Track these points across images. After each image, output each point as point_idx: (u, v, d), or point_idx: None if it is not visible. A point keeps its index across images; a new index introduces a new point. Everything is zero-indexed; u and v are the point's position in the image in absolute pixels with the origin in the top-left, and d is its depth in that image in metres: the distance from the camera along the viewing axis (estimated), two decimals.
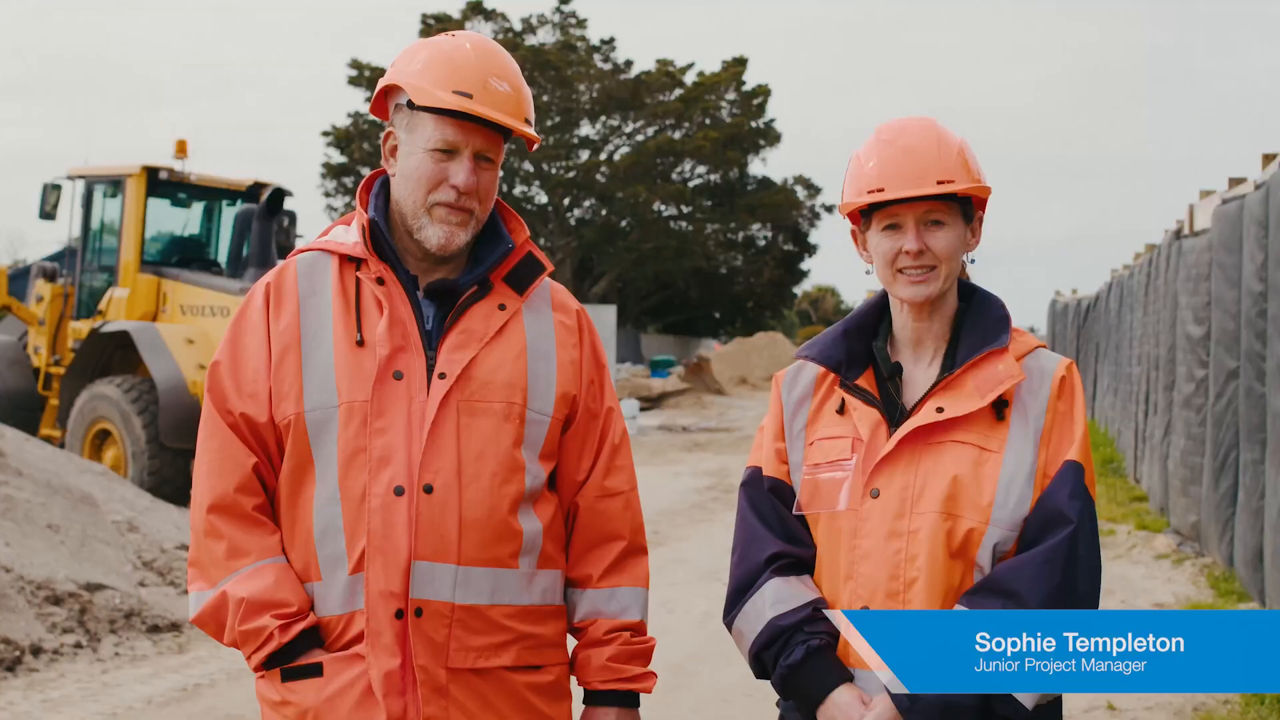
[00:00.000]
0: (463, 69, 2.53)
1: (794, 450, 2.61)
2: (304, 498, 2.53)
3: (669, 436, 24.53)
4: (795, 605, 2.51)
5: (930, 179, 2.51)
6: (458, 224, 2.55)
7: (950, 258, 2.54)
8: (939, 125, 2.59)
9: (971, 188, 2.54)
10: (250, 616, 2.47)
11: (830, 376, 2.63)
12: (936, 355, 2.59)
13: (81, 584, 8.02)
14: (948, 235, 2.54)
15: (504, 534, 2.53)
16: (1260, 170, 9.21)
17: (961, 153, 2.56)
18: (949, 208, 2.55)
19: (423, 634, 2.47)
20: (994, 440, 2.48)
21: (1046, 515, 2.44)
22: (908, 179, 2.51)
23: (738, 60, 48.88)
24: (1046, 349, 2.61)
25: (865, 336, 2.64)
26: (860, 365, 2.61)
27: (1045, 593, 2.37)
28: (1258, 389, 8.35)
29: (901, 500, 2.48)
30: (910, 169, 2.51)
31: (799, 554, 2.56)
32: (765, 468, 2.64)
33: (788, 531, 2.58)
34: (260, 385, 2.55)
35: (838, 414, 2.58)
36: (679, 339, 60.75)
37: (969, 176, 2.55)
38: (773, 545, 2.56)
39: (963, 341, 2.56)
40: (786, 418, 2.64)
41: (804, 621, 2.50)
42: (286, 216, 14.42)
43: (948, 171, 2.52)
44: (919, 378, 2.58)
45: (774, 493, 2.61)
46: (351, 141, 46.40)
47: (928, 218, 2.53)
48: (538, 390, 2.59)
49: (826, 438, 2.57)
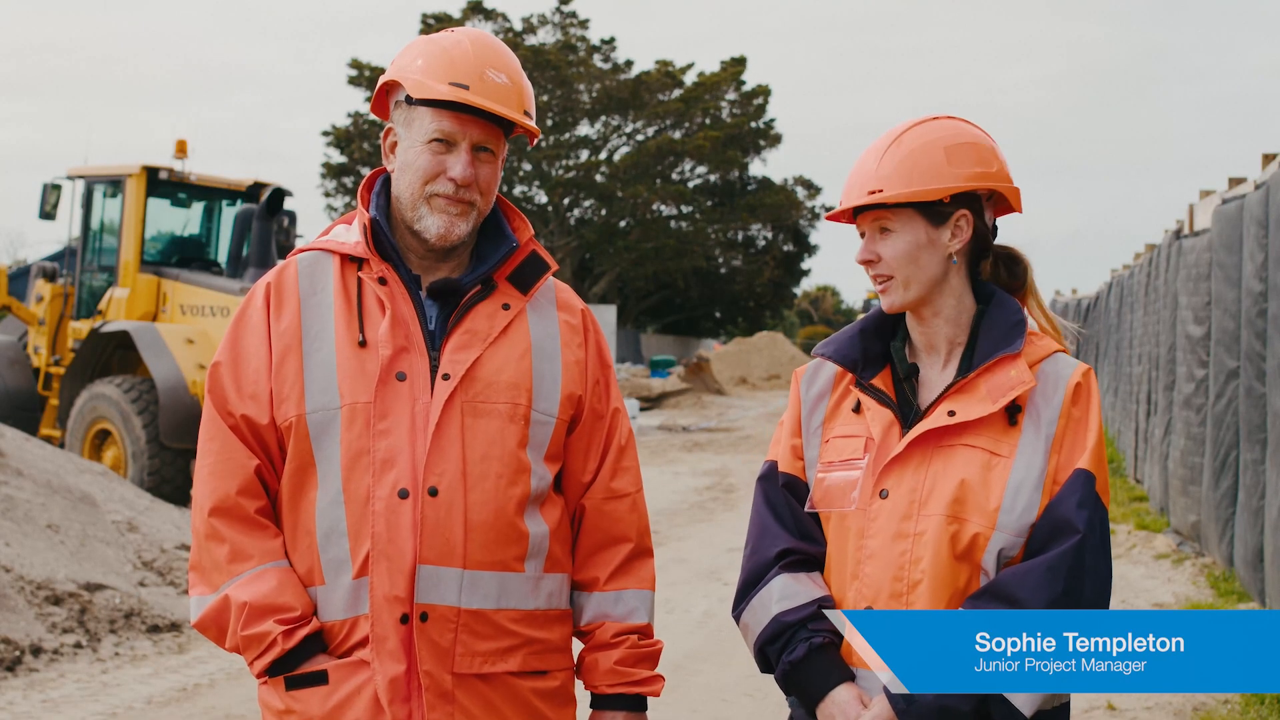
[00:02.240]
0: (459, 62, 2.52)
1: (810, 447, 2.61)
2: (306, 500, 2.50)
3: (669, 436, 24.52)
4: (801, 602, 2.51)
5: (862, 190, 2.53)
6: (457, 214, 2.53)
7: (902, 265, 2.52)
8: (919, 128, 2.55)
9: (903, 194, 2.49)
10: (253, 621, 2.45)
11: (848, 375, 2.62)
12: (952, 357, 2.58)
13: (81, 584, 8.02)
14: (894, 243, 2.52)
15: (510, 537, 2.51)
16: (1260, 170, 9.21)
17: (910, 157, 2.51)
18: (898, 214, 2.52)
19: (428, 639, 2.45)
20: (1005, 445, 2.47)
21: (1054, 523, 2.42)
22: (849, 190, 2.56)
23: (737, 60, 48.92)
24: (1066, 353, 2.58)
25: (884, 336, 2.63)
26: (877, 365, 2.60)
27: (1047, 600, 2.36)
28: (1258, 389, 8.35)
29: (909, 502, 2.47)
30: (853, 180, 2.55)
31: (809, 551, 2.56)
32: (781, 463, 2.63)
33: (800, 528, 2.58)
34: (261, 386, 2.52)
35: (854, 413, 2.58)
36: (679, 339, 60.74)
37: (905, 183, 2.49)
38: (784, 541, 2.56)
39: (979, 345, 2.55)
40: (804, 414, 2.64)
41: (809, 619, 2.49)
42: (286, 216, 14.42)
43: (880, 180, 2.51)
44: (934, 379, 2.58)
45: (788, 489, 2.61)
46: (351, 141, 46.40)
47: (877, 226, 2.54)
48: (543, 391, 2.57)
49: (841, 436, 2.57)
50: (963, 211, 2.56)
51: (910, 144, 2.54)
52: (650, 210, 48.08)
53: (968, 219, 2.56)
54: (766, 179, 51.48)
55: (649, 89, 47.39)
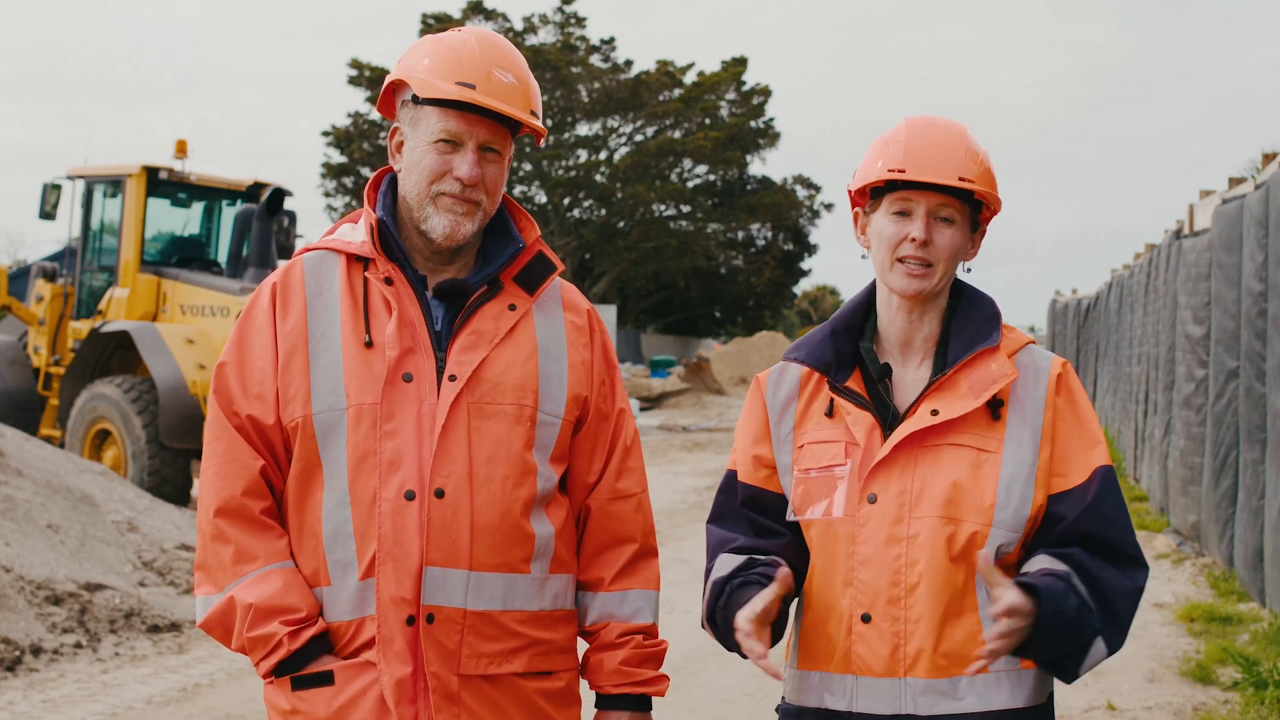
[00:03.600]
0: (466, 61, 2.50)
1: (781, 454, 2.57)
2: (312, 501, 2.50)
3: (669, 436, 24.52)
4: (735, 565, 2.49)
5: (953, 173, 2.47)
6: (463, 214, 2.51)
7: (950, 257, 2.51)
8: (968, 132, 2.57)
9: (988, 193, 2.52)
10: (258, 622, 2.44)
11: (815, 377, 2.58)
12: (926, 355, 2.55)
13: (81, 584, 8.02)
14: (954, 235, 2.51)
15: (516, 538, 2.50)
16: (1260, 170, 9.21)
17: (985, 161, 2.54)
18: (961, 209, 2.52)
19: (434, 641, 2.44)
20: (991, 440, 2.46)
21: (1095, 539, 2.45)
22: (931, 166, 2.48)
23: (737, 60, 48.93)
24: (1037, 344, 2.58)
25: (853, 336, 2.59)
26: (848, 367, 2.56)
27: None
28: (1258, 389, 8.35)
29: (899, 505, 2.44)
30: (936, 157, 2.48)
31: (760, 544, 2.54)
32: (741, 473, 2.60)
33: (756, 529, 2.56)
34: (267, 386, 2.51)
35: (826, 416, 2.54)
36: (679, 339, 60.74)
37: (988, 184, 2.53)
38: (735, 544, 2.55)
39: (953, 341, 2.52)
40: (772, 421, 2.59)
41: (739, 569, 2.48)
42: (286, 216, 14.42)
43: (971, 172, 2.49)
44: (909, 379, 2.54)
45: (749, 500, 2.57)
46: (351, 141, 46.40)
47: (939, 212, 2.50)
48: (549, 392, 2.56)
49: (817, 441, 2.53)
50: (985, 226, 2.60)
51: (977, 146, 2.54)
52: (650, 210, 48.09)
53: (983, 234, 2.61)
54: (766, 179, 51.48)
55: (649, 89, 47.39)
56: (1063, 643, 2.37)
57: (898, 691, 2.42)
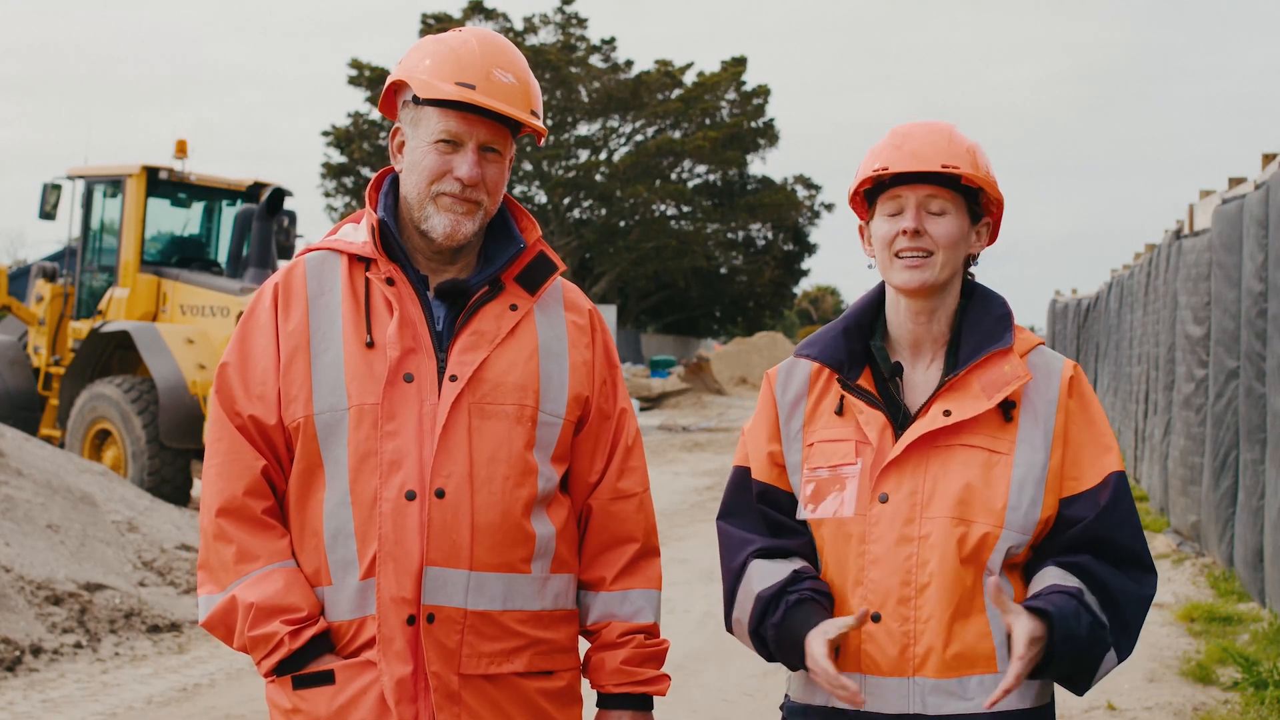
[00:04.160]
0: (466, 61, 2.51)
1: (791, 451, 2.57)
2: (314, 501, 2.51)
3: (669, 436, 24.52)
4: (779, 577, 2.48)
5: (935, 160, 2.48)
6: (464, 213, 2.52)
7: (949, 246, 2.50)
8: (955, 128, 2.57)
9: (974, 176, 2.51)
10: (260, 622, 2.45)
11: (825, 375, 2.58)
12: (937, 355, 2.55)
13: (81, 584, 8.02)
14: (949, 224, 2.51)
15: (517, 538, 2.51)
16: (1260, 170, 9.21)
17: (972, 150, 2.54)
18: (953, 198, 2.52)
19: (435, 640, 2.45)
20: (1003, 442, 2.46)
21: (1109, 548, 2.45)
22: (912, 156, 2.49)
23: (737, 60, 48.95)
24: (1046, 345, 2.58)
25: (864, 335, 2.60)
26: (859, 365, 2.57)
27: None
28: (1258, 389, 8.35)
29: (911, 505, 2.44)
30: (918, 148, 2.50)
31: (784, 544, 2.54)
32: (755, 470, 2.60)
33: (773, 528, 2.56)
34: (269, 387, 2.52)
35: (836, 415, 2.54)
36: (679, 339, 60.74)
37: (976, 170, 2.52)
38: (757, 543, 2.55)
39: (964, 341, 2.52)
40: (782, 418, 2.59)
41: (786, 583, 2.47)
42: (286, 216, 14.42)
43: (956, 158, 2.50)
44: (920, 379, 2.54)
45: (762, 497, 2.58)
46: (351, 141, 46.42)
47: (929, 204, 2.51)
48: (550, 392, 2.56)
49: (827, 440, 2.53)
50: (988, 219, 2.60)
51: (965, 138, 2.55)
52: (650, 210, 48.11)
53: (989, 228, 2.60)
54: (766, 178, 51.51)
55: (649, 89, 47.42)
56: (1076, 663, 2.39)
57: (906, 691, 2.42)
